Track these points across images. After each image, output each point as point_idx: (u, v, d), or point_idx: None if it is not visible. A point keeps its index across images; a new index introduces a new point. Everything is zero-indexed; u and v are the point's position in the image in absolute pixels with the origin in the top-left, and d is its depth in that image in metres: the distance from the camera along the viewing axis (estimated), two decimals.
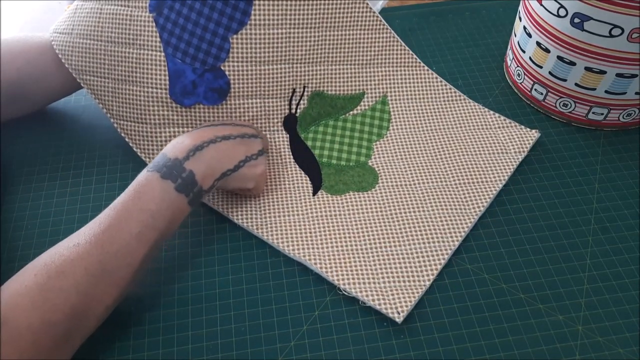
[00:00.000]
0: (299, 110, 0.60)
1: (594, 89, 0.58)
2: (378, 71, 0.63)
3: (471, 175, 0.57)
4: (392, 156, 0.59)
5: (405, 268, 0.50)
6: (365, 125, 0.61)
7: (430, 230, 0.53)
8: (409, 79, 0.64)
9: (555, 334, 0.47)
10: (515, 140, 0.60)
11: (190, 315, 0.48)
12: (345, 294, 0.49)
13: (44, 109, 0.65)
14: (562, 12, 0.55)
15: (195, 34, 0.53)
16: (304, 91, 0.60)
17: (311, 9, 0.56)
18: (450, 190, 0.56)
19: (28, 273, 0.40)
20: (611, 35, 0.52)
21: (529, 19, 0.60)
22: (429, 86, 0.64)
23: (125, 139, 0.57)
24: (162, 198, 0.44)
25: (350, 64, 0.61)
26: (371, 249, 0.51)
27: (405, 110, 0.62)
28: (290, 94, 0.59)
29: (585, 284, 0.50)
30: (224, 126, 0.52)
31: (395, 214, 0.54)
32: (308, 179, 0.57)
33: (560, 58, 0.58)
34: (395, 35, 0.62)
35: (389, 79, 0.63)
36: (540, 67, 0.61)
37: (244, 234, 0.54)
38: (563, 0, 0.54)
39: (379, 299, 0.48)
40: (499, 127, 0.61)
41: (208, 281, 0.51)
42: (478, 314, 0.48)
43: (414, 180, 0.57)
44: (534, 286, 0.49)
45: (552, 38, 0.57)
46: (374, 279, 0.49)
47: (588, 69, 0.56)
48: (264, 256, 0.52)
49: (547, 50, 0.59)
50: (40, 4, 0.83)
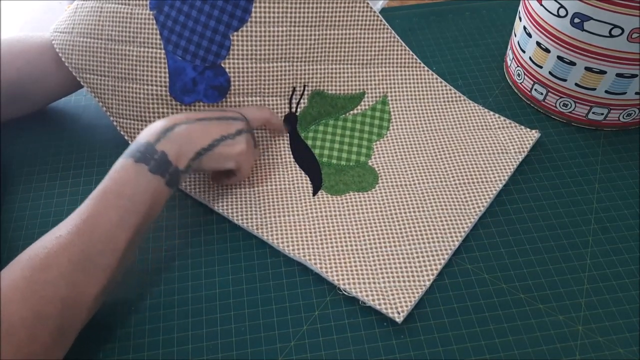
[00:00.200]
0: (299, 109, 0.60)
1: (594, 89, 0.58)
2: (378, 71, 0.63)
3: (471, 175, 0.57)
4: (392, 156, 0.59)
5: (405, 268, 0.50)
6: (366, 125, 0.61)
7: (430, 230, 0.53)
8: (409, 79, 0.64)
9: (555, 334, 0.47)
10: (515, 141, 0.60)
11: (190, 315, 0.48)
12: (345, 293, 0.49)
13: (44, 109, 0.65)
14: (562, 12, 0.55)
15: (195, 32, 0.53)
16: (304, 90, 0.60)
17: (312, 7, 0.56)
18: (450, 191, 0.56)
19: (14, 268, 0.40)
20: (611, 35, 0.52)
21: (529, 19, 0.60)
22: (429, 87, 0.64)
23: (125, 137, 0.57)
24: (138, 182, 0.44)
25: (351, 64, 0.61)
26: (371, 249, 0.51)
27: (406, 111, 0.62)
28: (291, 93, 0.59)
29: (585, 284, 0.50)
30: (201, 112, 0.52)
31: (395, 214, 0.54)
32: (308, 179, 0.57)
33: (560, 58, 0.58)
34: (396, 35, 0.63)
35: (389, 79, 0.63)
36: (540, 67, 0.61)
37: (244, 234, 0.54)
38: (563, 0, 0.54)
39: (379, 299, 0.48)
40: (499, 128, 0.61)
41: (208, 281, 0.51)
42: (478, 314, 0.48)
43: (414, 180, 0.57)
44: (534, 286, 0.49)
45: (552, 38, 0.57)
46: (374, 279, 0.49)
47: (588, 69, 0.56)
48: (264, 256, 0.52)
49: (547, 50, 0.59)
50: (40, 4, 0.83)
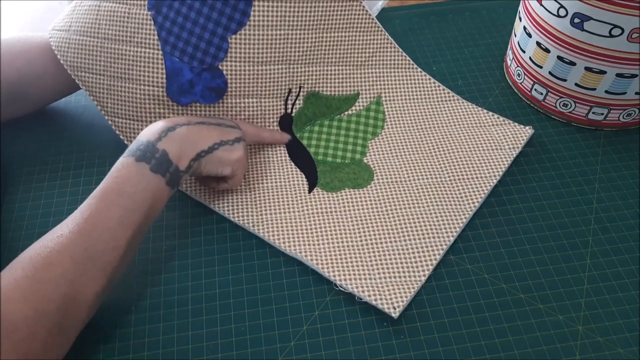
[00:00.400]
0: (294, 110, 0.60)
1: (594, 89, 0.58)
2: (372, 72, 0.63)
3: (465, 171, 0.57)
4: (387, 153, 0.59)
5: (401, 263, 0.50)
6: (360, 125, 0.61)
7: (425, 225, 0.53)
8: (402, 80, 0.64)
9: (555, 334, 0.47)
10: (509, 137, 0.60)
11: (190, 315, 0.48)
12: (342, 289, 0.49)
13: (44, 109, 0.65)
14: (562, 12, 0.55)
15: (194, 33, 0.53)
16: (299, 91, 0.60)
17: (309, 11, 0.56)
18: (445, 186, 0.56)
19: (15, 267, 0.40)
20: (611, 35, 0.52)
21: (529, 19, 0.60)
22: (423, 87, 0.64)
23: (120, 136, 0.57)
24: (139, 180, 0.45)
25: (345, 65, 0.62)
26: (367, 244, 0.52)
27: (400, 111, 0.63)
28: (286, 94, 0.59)
29: (585, 284, 0.50)
30: (201, 117, 0.52)
31: (391, 210, 0.54)
32: (304, 176, 0.57)
33: (560, 58, 0.58)
34: (390, 38, 0.63)
35: (383, 80, 0.63)
36: (540, 67, 0.61)
37: (244, 234, 0.54)
38: (563, 0, 0.54)
39: (375, 294, 0.48)
40: (493, 125, 0.61)
41: (208, 281, 0.51)
42: (478, 314, 0.48)
43: (409, 177, 0.57)
44: (534, 286, 0.49)
45: (552, 38, 0.57)
46: (370, 274, 0.49)
47: (588, 69, 0.56)
48: (264, 256, 0.52)
49: (547, 50, 0.59)
50: (40, 4, 0.83)
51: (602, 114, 0.60)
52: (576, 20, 0.54)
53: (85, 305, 0.41)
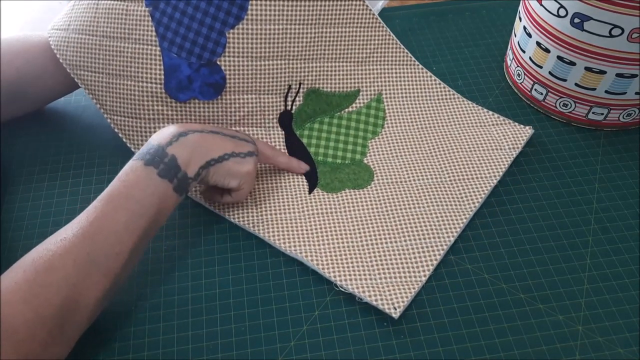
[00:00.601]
0: (294, 107, 0.60)
1: (594, 89, 0.58)
2: (373, 69, 0.63)
3: (466, 171, 0.57)
4: (387, 153, 0.59)
5: (402, 264, 0.50)
6: (361, 123, 0.61)
7: (426, 226, 0.53)
8: (403, 77, 0.64)
9: (555, 334, 0.47)
10: (509, 137, 0.60)
11: (190, 315, 0.48)
12: (342, 290, 0.49)
13: (44, 109, 0.65)
14: (562, 12, 0.55)
15: (191, 28, 0.53)
16: (299, 88, 0.60)
17: (308, 5, 0.56)
18: (445, 187, 0.56)
19: (17, 270, 0.40)
20: (611, 35, 0.52)
21: (529, 19, 0.60)
22: (424, 84, 0.64)
23: (119, 134, 0.57)
24: (147, 184, 0.44)
25: (346, 62, 0.62)
26: (367, 245, 0.52)
27: (400, 108, 0.63)
28: (286, 91, 0.59)
29: (585, 284, 0.50)
30: (216, 126, 0.52)
31: (391, 210, 0.54)
32: (304, 177, 0.57)
33: (560, 58, 0.58)
34: (391, 33, 0.63)
35: (384, 77, 0.63)
36: (540, 67, 0.61)
37: (244, 234, 0.54)
38: (563, 0, 0.54)
39: (375, 295, 0.48)
40: (493, 124, 0.61)
41: (208, 281, 0.51)
42: (478, 314, 0.48)
43: (409, 177, 0.57)
44: (534, 286, 0.49)
45: (552, 38, 0.57)
46: (370, 275, 0.49)
47: (588, 69, 0.56)
48: (264, 256, 0.52)
49: (547, 50, 0.59)
50: (40, 4, 0.83)
51: (602, 114, 0.60)
52: (576, 20, 0.54)
53: (86, 309, 0.41)
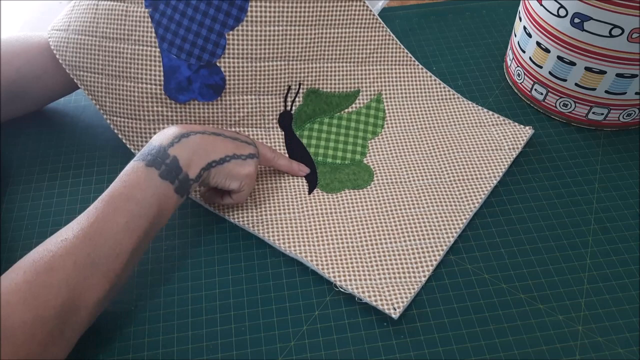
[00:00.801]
0: (294, 108, 0.60)
1: (594, 89, 0.58)
2: (373, 69, 0.63)
3: (466, 171, 0.57)
4: (387, 154, 0.59)
5: (402, 264, 0.50)
6: (360, 123, 0.61)
7: (425, 226, 0.53)
8: (403, 77, 0.64)
9: (555, 334, 0.47)
10: (509, 137, 0.60)
11: (190, 315, 0.48)
12: (342, 290, 0.49)
13: (44, 109, 0.65)
14: (562, 12, 0.55)
15: (191, 30, 0.53)
16: (299, 88, 0.60)
17: (308, 6, 0.56)
18: (445, 187, 0.56)
19: (17, 271, 0.40)
20: (611, 35, 0.52)
21: (529, 19, 0.60)
22: (424, 85, 0.64)
23: (119, 135, 0.57)
24: (148, 185, 0.44)
25: (346, 62, 0.62)
26: (367, 245, 0.52)
27: (400, 109, 0.63)
28: (286, 91, 0.59)
29: (585, 284, 0.50)
30: (217, 128, 0.52)
31: (391, 210, 0.54)
32: (304, 177, 0.57)
33: (560, 58, 0.58)
34: (391, 34, 0.63)
35: (384, 77, 0.63)
36: (540, 67, 0.61)
37: (244, 234, 0.54)
38: (563, 0, 0.54)
39: (375, 295, 0.48)
40: (493, 125, 0.61)
41: (208, 281, 0.51)
42: (478, 314, 0.48)
43: (409, 177, 0.57)
44: (534, 286, 0.49)
45: (552, 38, 0.57)
46: (370, 275, 0.49)
47: (588, 69, 0.56)
48: (264, 256, 0.52)
49: (547, 50, 0.59)
50: (40, 4, 0.83)
51: (602, 114, 0.60)
52: (576, 20, 0.54)
53: (86, 311, 0.41)
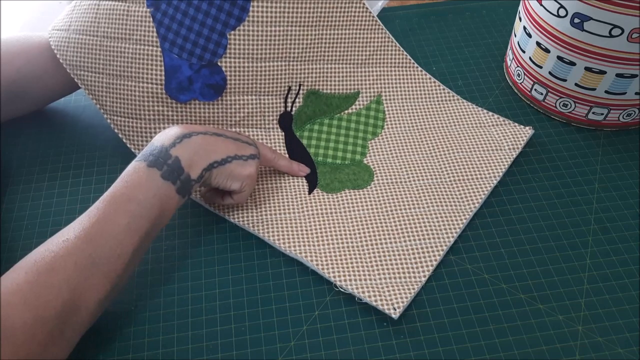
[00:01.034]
0: (294, 109, 0.60)
1: (594, 89, 0.58)
2: (373, 71, 0.63)
3: (466, 172, 0.57)
4: (387, 154, 0.59)
5: (402, 264, 0.50)
6: (360, 124, 0.61)
7: (425, 226, 0.53)
8: (403, 79, 0.64)
9: (555, 334, 0.47)
10: (509, 137, 0.60)
11: (190, 315, 0.48)
12: (342, 290, 0.49)
13: (44, 109, 0.65)
14: (562, 12, 0.55)
15: (192, 30, 0.53)
16: (299, 89, 0.60)
17: (309, 7, 0.56)
18: (445, 187, 0.56)
19: (18, 271, 0.40)
20: (611, 35, 0.52)
21: (529, 19, 0.60)
22: (423, 86, 0.64)
23: (119, 135, 0.57)
24: (149, 186, 0.44)
25: (346, 63, 0.62)
26: (367, 245, 0.52)
27: (400, 110, 0.63)
28: (286, 92, 0.59)
29: (585, 284, 0.50)
30: (219, 129, 0.52)
31: (391, 210, 0.54)
32: (304, 177, 0.57)
33: (560, 58, 0.58)
34: (390, 36, 0.63)
35: (384, 79, 0.63)
36: (540, 67, 0.61)
37: (244, 234, 0.54)
38: (563, 0, 0.54)
39: (375, 295, 0.48)
40: (493, 125, 0.61)
41: (208, 281, 0.51)
42: (478, 314, 0.48)
43: (409, 178, 0.57)
44: (534, 286, 0.49)
45: (552, 38, 0.57)
46: (370, 275, 0.49)
47: (588, 69, 0.56)
48: (264, 256, 0.52)
49: (547, 50, 0.59)
50: (40, 4, 0.83)
51: (602, 114, 0.60)
52: (576, 20, 0.54)
53: (87, 311, 0.41)
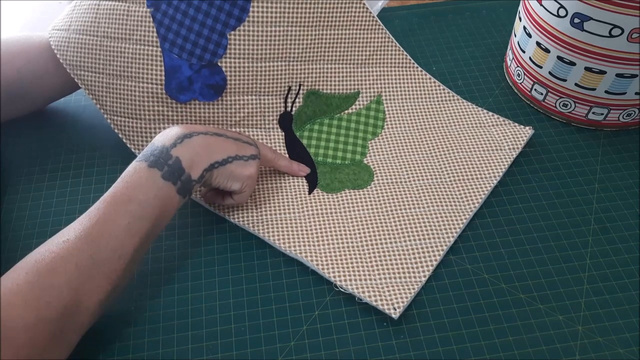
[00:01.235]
0: (294, 109, 0.60)
1: (594, 89, 0.58)
2: (373, 71, 0.63)
3: (466, 172, 0.57)
4: (387, 154, 0.59)
5: (402, 264, 0.50)
6: (360, 124, 0.61)
7: (426, 226, 0.53)
8: (403, 79, 0.64)
9: (555, 334, 0.47)
10: (509, 137, 0.60)
11: (190, 315, 0.48)
12: (342, 290, 0.49)
13: (44, 109, 0.65)
14: (562, 12, 0.55)
15: (192, 30, 0.53)
16: (299, 89, 0.60)
17: (309, 7, 0.56)
18: (445, 187, 0.56)
19: (19, 271, 0.40)
20: (611, 35, 0.52)
21: (529, 19, 0.60)
22: (423, 86, 0.64)
23: (119, 135, 0.57)
24: (150, 187, 0.44)
25: (346, 64, 0.62)
26: (367, 245, 0.52)
27: (400, 110, 0.63)
28: (286, 92, 0.59)
29: (585, 284, 0.50)
30: (219, 129, 0.52)
31: (391, 210, 0.54)
32: (304, 177, 0.57)
33: (560, 58, 0.58)
34: (390, 36, 0.63)
35: (384, 79, 0.63)
36: (540, 67, 0.61)
37: (244, 234, 0.54)
38: (563, 0, 0.54)
39: (375, 295, 0.48)
40: (493, 125, 0.61)
41: (208, 281, 0.51)
42: (478, 314, 0.48)
43: (409, 178, 0.57)
44: (534, 286, 0.49)
45: (552, 38, 0.57)
46: (370, 275, 0.49)
47: (588, 69, 0.56)
48: (264, 256, 0.52)
49: (547, 50, 0.59)
50: (40, 4, 0.83)
51: (602, 114, 0.60)
52: (576, 20, 0.54)
53: (87, 312, 0.41)
